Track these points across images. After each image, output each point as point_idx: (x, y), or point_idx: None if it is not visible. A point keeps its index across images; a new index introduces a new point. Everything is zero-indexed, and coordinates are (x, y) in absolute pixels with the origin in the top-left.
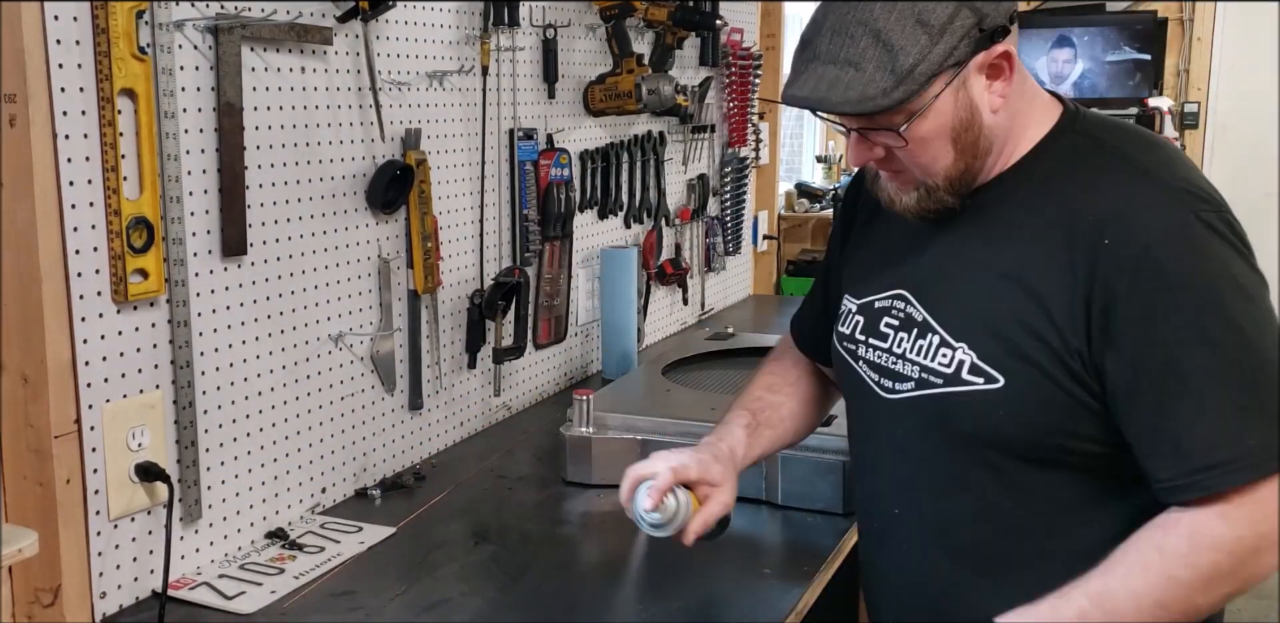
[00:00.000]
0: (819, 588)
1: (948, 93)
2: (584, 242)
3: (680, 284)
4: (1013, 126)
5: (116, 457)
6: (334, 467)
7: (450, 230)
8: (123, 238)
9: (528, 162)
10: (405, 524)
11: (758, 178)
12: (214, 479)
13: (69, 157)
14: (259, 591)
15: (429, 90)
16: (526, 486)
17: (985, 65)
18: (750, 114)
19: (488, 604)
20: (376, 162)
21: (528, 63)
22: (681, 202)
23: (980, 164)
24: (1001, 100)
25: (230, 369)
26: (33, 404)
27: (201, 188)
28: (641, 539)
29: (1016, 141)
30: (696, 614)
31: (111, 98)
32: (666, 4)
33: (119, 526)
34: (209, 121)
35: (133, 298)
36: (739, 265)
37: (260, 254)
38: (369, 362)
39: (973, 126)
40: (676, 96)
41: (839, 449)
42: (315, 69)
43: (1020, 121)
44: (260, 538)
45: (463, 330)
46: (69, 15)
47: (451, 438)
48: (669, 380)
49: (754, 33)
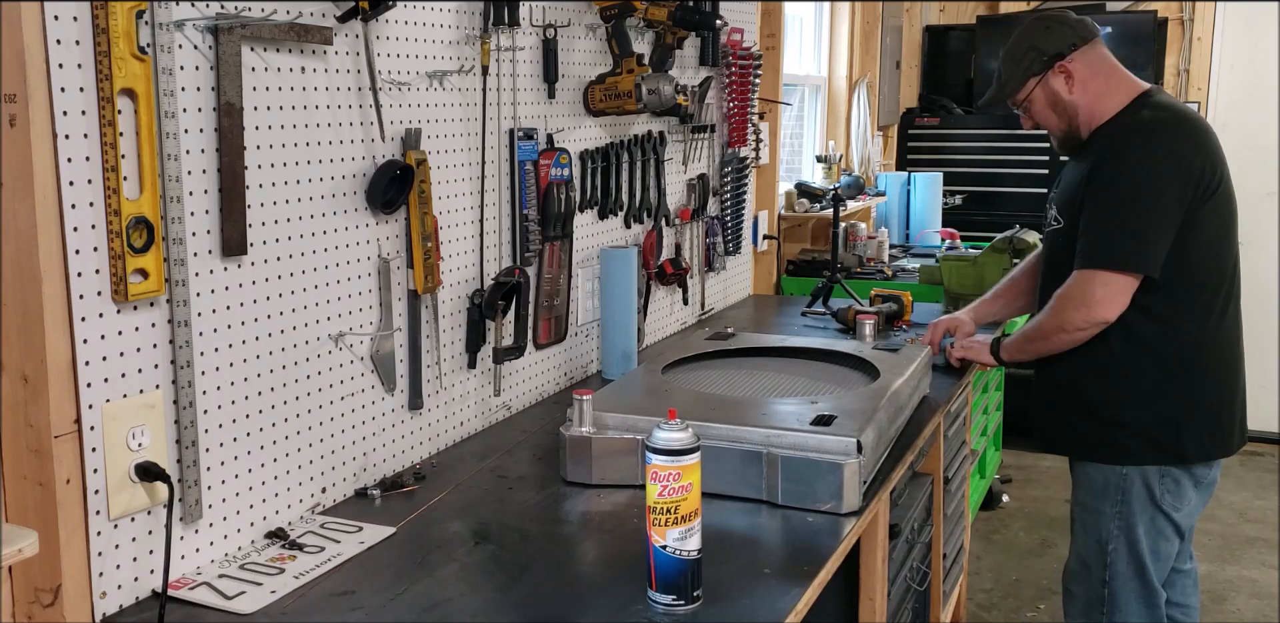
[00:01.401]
0: (819, 588)
1: (1038, 89)
2: (584, 242)
3: (680, 284)
4: (1094, 103)
5: (116, 457)
6: (334, 467)
7: (450, 230)
8: (123, 238)
9: (528, 161)
10: (405, 524)
11: (758, 178)
12: (214, 479)
13: (69, 157)
14: (259, 591)
15: (429, 90)
16: (526, 486)
17: (1056, 73)
18: (750, 114)
19: (488, 604)
20: (376, 161)
21: (528, 63)
22: (681, 202)
23: (1077, 123)
24: (1077, 88)
25: (230, 369)
26: (33, 404)
27: (201, 188)
28: (641, 539)
29: (1102, 111)
30: (697, 614)
31: (111, 98)
32: (666, 4)
33: (119, 526)
34: (209, 121)
35: (133, 298)
36: (739, 265)
37: (260, 254)
38: (369, 362)
39: (1059, 102)
40: (676, 96)
41: (839, 449)
42: (315, 69)
43: (1101, 100)
44: (260, 538)
45: (463, 330)
46: (69, 15)
47: (451, 438)
48: (669, 380)
49: (754, 33)
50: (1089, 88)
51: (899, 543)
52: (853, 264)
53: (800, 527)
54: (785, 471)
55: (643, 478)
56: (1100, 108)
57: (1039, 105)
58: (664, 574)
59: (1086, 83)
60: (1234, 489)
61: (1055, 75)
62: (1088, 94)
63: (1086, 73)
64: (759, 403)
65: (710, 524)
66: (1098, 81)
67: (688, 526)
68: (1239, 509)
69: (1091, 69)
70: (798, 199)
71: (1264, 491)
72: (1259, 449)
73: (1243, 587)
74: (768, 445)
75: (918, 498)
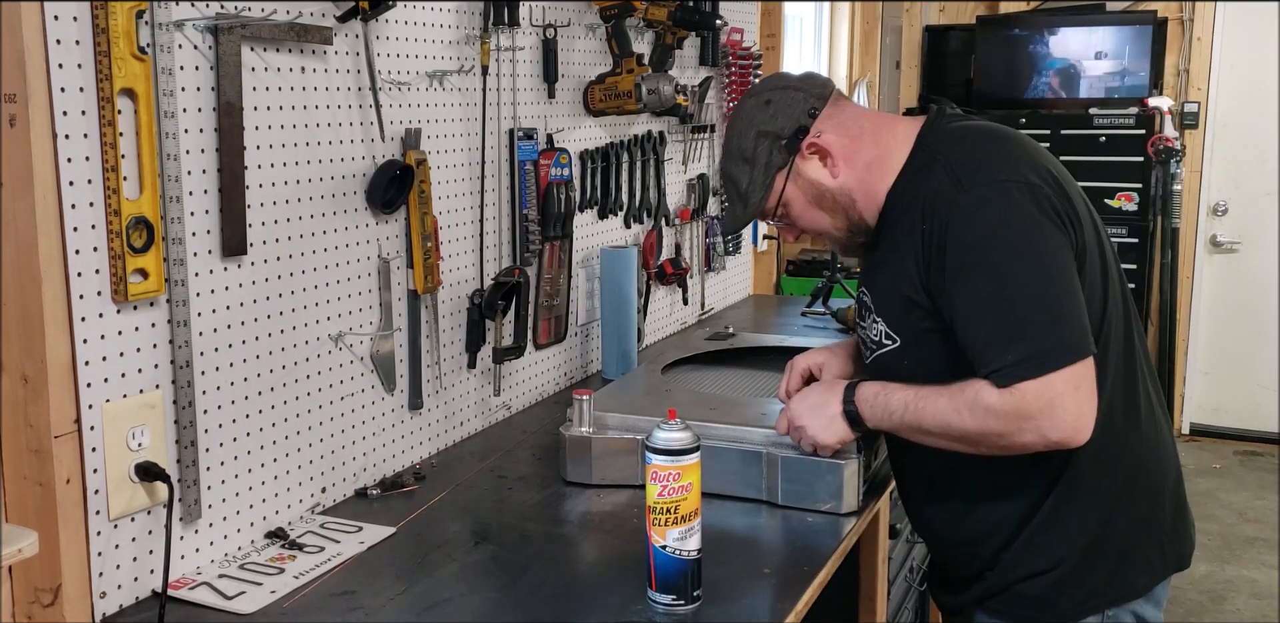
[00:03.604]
0: (819, 588)
1: (790, 185)
2: (584, 242)
3: (680, 284)
4: (870, 175)
5: (116, 457)
6: (334, 467)
7: (450, 230)
8: (123, 238)
9: (528, 161)
10: (405, 524)
11: None
12: (214, 479)
13: (69, 157)
14: (259, 591)
15: (429, 90)
16: (526, 486)
17: (806, 156)
18: None
19: (488, 604)
20: (376, 161)
21: (528, 63)
22: (681, 201)
23: (856, 211)
24: (841, 167)
25: (230, 369)
26: (33, 404)
27: (201, 188)
28: (641, 539)
29: (882, 178)
30: (697, 614)
31: (111, 98)
32: (666, 4)
33: (119, 525)
34: (209, 121)
35: (133, 298)
36: (739, 265)
37: (260, 254)
38: (369, 362)
39: (824, 195)
40: (676, 96)
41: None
42: (315, 69)
43: (877, 166)
44: (260, 538)
45: (463, 330)
46: (69, 15)
47: (451, 438)
48: (669, 380)
49: (754, 33)
50: (855, 161)
51: (899, 543)
52: (852, 264)
53: (800, 527)
54: (785, 471)
55: (643, 478)
56: (879, 178)
57: (799, 206)
58: (664, 574)
59: (850, 156)
60: (1234, 489)
61: (805, 160)
62: (856, 169)
63: (845, 143)
64: (759, 403)
65: (710, 524)
66: (863, 148)
67: (688, 526)
68: (1239, 509)
69: (848, 135)
70: None
71: (1264, 491)
72: (1259, 449)
73: (1242, 587)
74: (768, 446)
75: None
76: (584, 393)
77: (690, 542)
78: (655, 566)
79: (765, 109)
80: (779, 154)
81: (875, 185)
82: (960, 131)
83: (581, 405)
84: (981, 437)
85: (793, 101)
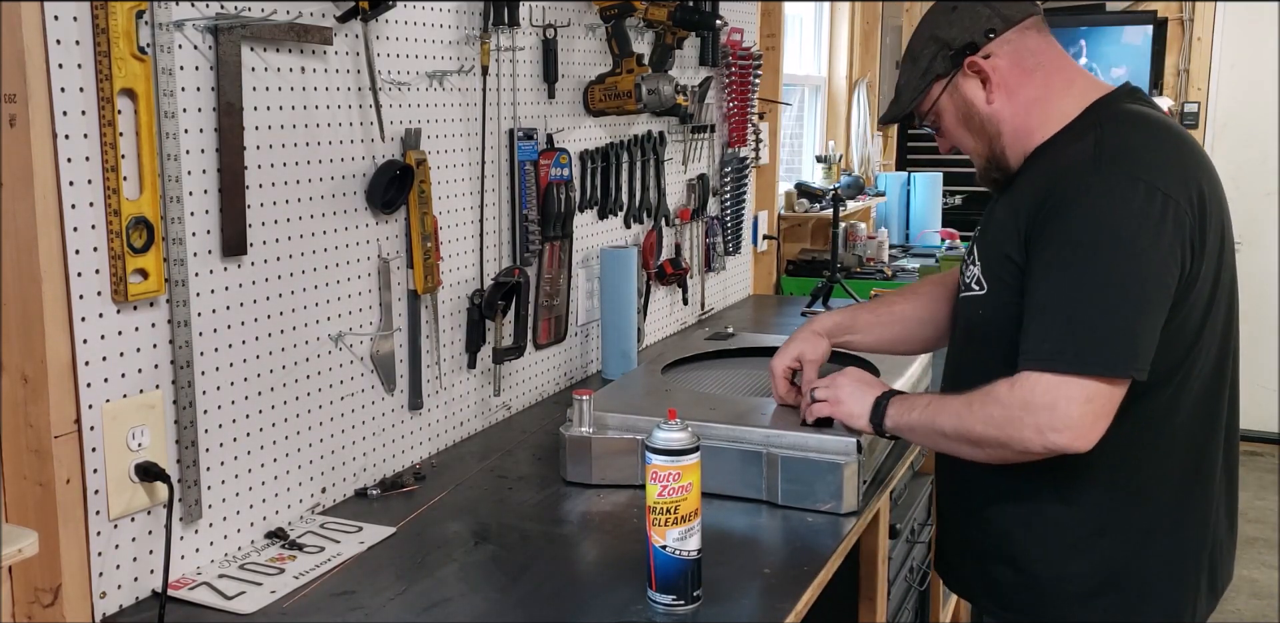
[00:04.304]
0: (819, 588)
1: (945, 96)
2: (584, 242)
3: (680, 284)
4: (1026, 116)
5: (116, 457)
6: (334, 467)
7: (450, 230)
8: (123, 238)
9: (528, 162)
10: (405, 524)
11: (758, 178)
12: (214, 479)
13: (69, 157)
14: (259, 591)
15: (429, 90)
16: (526, 486)
17: (967, 73)
18: (750, 114)
19: (488, 604)
20: (376, 161)
21: (528, 63)
22: (681, 202)
23: (1000, 145)
24: (999, 96)
25: (230, 369)
26: (33, 404)
27: (201, 188)
28: (641, 539)
29: (1041, 124)
30: (697, 614)
31: (111, 98)
32: (666, 4)
33: (119, 526)
34: (209, 121)
35: (133, 298)
36: (739, 265)
37: (260, 254)
38: (369, 362)
39: (973, 117)
40: (676, 96)
41: (839, 449)
42: (315, 69)
43: (1036, 112)
44: (260, 538)
45: (463, 330)
46: (69, 15)
47: (451, 438)
48: (669, 380)
49: (754, 33)
50: (1017, 95)
51: (899, 543)
52: (852, 264)
53: (800, 527)
54: (785, 471)
55: (643, 478)
56: (1034, 123)
57: (949, 119)
58: (664, 574)
59: (1013, 88)
60: None
61: (966, 77)
62: (1014, 103)
63: (1012, 73)
64: (759, 403)
65: (710, 524)
66: (1030, 85)
67: (688, 526)
68: (1239, 509)
69: (1021, 67)
70: (797, 199)
71: (1264, 491)
72: (1259, 449)
73: (1243, 587)
74: (768, 445)
75: (918, 498)
76: (584, 393)
77: (690, 542)
78: (655, 566)
79: (948, 15)
80: (941, 62)
81: (1029, 127)
82: (1136, 116)
83: (581, 405)
84: (985, 425)
85: (975, 15)
